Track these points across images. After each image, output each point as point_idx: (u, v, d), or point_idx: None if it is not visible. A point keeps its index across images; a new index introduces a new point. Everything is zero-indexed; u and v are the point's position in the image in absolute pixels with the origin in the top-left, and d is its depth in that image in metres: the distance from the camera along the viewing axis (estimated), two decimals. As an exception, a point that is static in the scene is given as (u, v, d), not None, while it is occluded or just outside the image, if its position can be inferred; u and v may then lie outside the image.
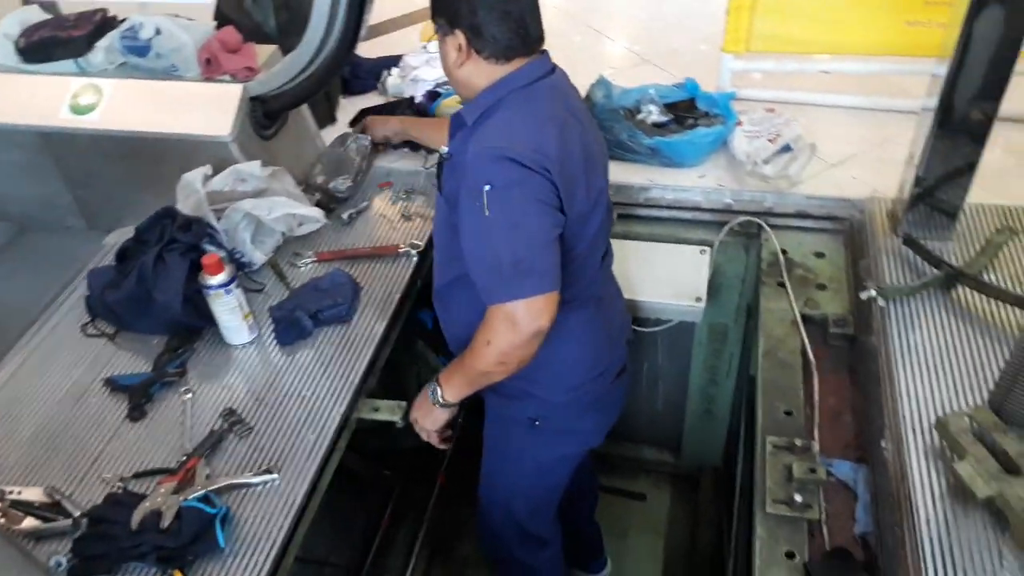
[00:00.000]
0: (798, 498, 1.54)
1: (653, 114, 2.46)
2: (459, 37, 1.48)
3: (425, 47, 2.73)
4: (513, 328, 1.46)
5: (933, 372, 1.63)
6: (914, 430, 1.52)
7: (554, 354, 1.52)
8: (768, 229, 2.24)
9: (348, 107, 2.75)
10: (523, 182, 1.41)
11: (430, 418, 1.74)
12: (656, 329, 2.43)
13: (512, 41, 1.47)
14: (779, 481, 1.59)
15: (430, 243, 2.14)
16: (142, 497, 1.47)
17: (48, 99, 2.17)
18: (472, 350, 1.55)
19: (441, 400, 1.68)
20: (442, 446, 1.82)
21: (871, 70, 2.68)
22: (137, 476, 1.56)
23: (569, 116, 1.53)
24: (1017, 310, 1.73)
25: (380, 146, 2.43)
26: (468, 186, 1.45)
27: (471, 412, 2.05)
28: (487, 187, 1.40)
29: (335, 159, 2.32)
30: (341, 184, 2.26)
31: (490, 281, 1.47)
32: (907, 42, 2.47)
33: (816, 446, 1.67)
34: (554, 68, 1.58)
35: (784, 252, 2.18)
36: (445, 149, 1.59)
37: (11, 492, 1.51)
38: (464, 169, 1.46)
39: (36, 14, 2.33)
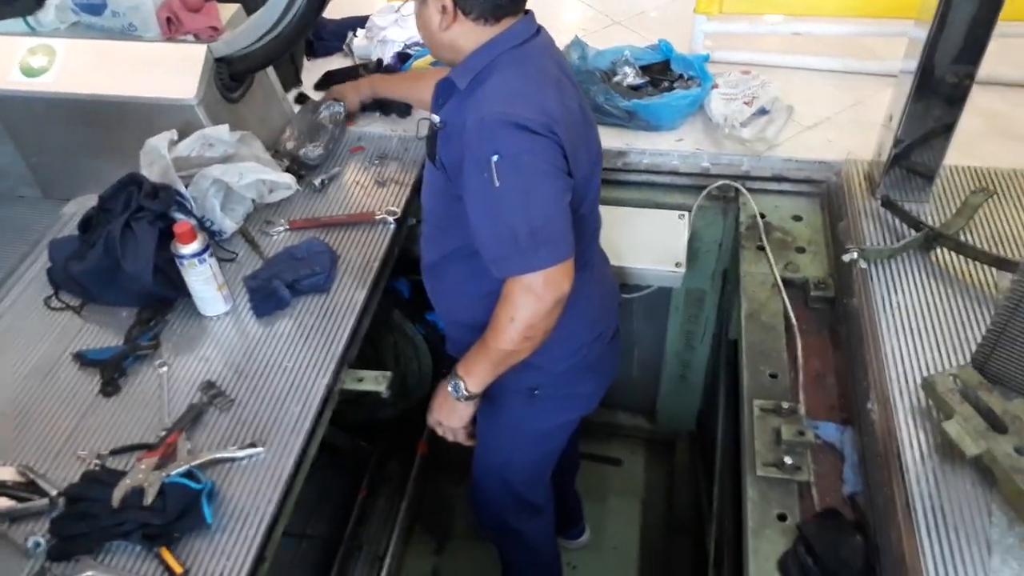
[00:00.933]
0: (788, 460, 1.55)
1: (629, 76, 2.42)
2: None
3: (398, 8, 2.64)
4: (536, 299, 1.42)
5: (916, 333, 1.65)
6: (900, 391, 1.53)
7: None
8: (746, 193, 2.23)
9: (313, 69, 2.67)
10: (532, 148, 1.36)
11: (455, 416, 1.66)
12: (634, 295, 2.42)
13: (501, 0, 1.41)
14: (768, 444, 1.60)
15: (407, 210, 2.10)
16: (121, 474, 1.42)
17: (-4, 60, 2.05)
18: (494, 331, 1.48)
19: (466, 393, 1.60)
20: (469, 442, 1.76)
21: (843, 32, 2.67)
22: (115, 453, 1.50)
23: (562, 76, 1.49)
24: (995, 270, 1.75)
25: (353, 115, 2.35)
26: (473, 157, 1.38)
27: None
28: (495, 157, 1.34)
29: (306, 125, 2.23)
30: (312, 151, 2.18)
31: (504, 253, 1.41)
32: (879, 4, 2.47)
33: (802, 408, 1.69)
34: (540, 28, 1.53)
35: (762, 216, 2.17)
36: (437, 118, 1.52)
37: (-19, 472, 1.45)
38: (463, 137, 1.40)
39: (-20, -31, 2.20)
